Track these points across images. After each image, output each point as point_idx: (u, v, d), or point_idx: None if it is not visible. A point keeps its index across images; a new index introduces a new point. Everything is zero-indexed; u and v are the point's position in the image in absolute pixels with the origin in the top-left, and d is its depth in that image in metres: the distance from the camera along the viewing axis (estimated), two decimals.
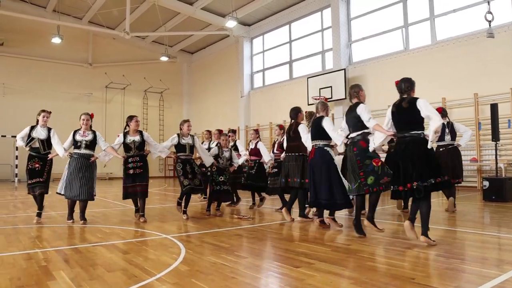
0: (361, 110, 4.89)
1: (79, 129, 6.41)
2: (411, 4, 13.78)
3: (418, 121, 4.38)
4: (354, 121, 4.97)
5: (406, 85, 4.77)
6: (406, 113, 4.46)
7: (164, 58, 22.13)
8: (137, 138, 6.60)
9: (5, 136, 18.82)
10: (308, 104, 16.01)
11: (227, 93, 22.13)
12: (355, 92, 5.13)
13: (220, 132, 8.69)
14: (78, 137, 6.28)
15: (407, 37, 13.88)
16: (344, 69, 15.09)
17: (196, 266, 3.63)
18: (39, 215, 6.44)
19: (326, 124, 5.45)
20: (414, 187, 4.22)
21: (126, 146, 6.54)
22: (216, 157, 7.30)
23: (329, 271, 3.41)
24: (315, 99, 15.58)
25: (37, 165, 6.37)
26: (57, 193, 6.41)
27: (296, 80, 17.91)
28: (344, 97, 14.88)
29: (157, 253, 4.18)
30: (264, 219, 6.70)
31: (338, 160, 5.70)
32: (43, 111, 6.72)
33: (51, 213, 7.59)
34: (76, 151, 6.26)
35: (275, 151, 7.78)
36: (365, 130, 4.90)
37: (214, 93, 23.39)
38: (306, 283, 3.09)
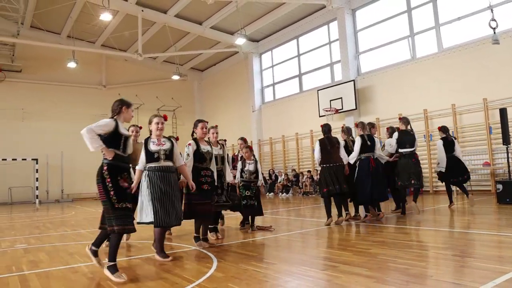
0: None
1: (149, 137, 5.01)
2: (416, 13, 14.13)
3: None
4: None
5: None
6: None
7: (175, 77, 22.70)
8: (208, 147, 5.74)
9: (25, 159, 19.40)
10: (320, 116, 16.37)
11: (239, 108, 22.55)
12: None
13: (244, 141, 7.72)
14: (153, 147, 4.81)
15: (414, 46, 14.20)
16: (353, 80, 15.43)
17: (230, 272, 3.93)
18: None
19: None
20: None
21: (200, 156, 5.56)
22: (240, 171, 6.88)
23: (353, 272, 3.70)
24: (326, 110, 15.92)
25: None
26: (140, 223, 4.67)
27: (306, 92, 18.28)
28: (354, 107, 15.19)
29: (191, 263, 4.50)
30: (282, 230, 6.98)
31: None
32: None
33: (81, 231, 7.95)
34: (154, 164, 4.74)
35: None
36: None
37: (225, 108, 23.83)
38: (333, 282, 3.38)
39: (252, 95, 21.14)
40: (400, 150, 7.75)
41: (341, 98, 15.66)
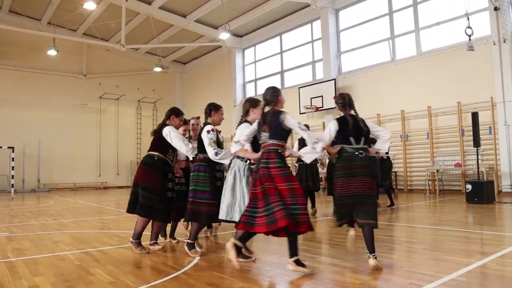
0: None
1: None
2: (397, 17, 14.51)
3: None
4: None
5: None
6: None
7: (157, 69, 22.63)
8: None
9: (1, 147, 19.14)
10: (300, 113, 16.64)
11: (220, 103, 21.81)
12: None
13: None
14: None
15: (394, 48, 14.59)
16: (334, 79, 15.74)
17: (214, 262, 4.13)
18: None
19: None
20: None
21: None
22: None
23: (329, 263, 3.95)
24: (307, 108, 16.22)
25: None
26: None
27: (287, 89, 18.49)
28: (334, 106, 15.48)
29: (176, 252, 4.68)
30: None
31: None
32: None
33: (62, 220, 8.00)
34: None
35: None
36: None
37: (206, 102, 23.16)
38: (312, 272, 3.62)
39: (233, 90, 21.28)
40: None
41: (321, 96, 15.95)
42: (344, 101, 4.14)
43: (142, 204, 4.57)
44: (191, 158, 4.90)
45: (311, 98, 16.32)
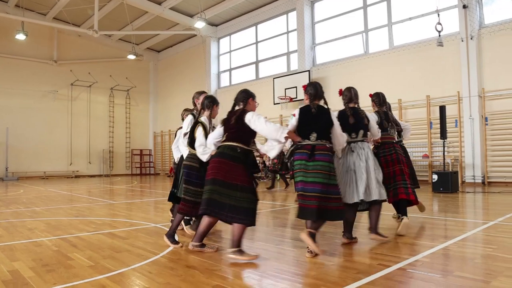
0: None
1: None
2: (371, 10, 14.79)
3: None
4: None
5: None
6: None
7: (131, 56, 22.31)
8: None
9: None
10: (274, 104, 16.82)
11: (194, 92, 22.08)
12: None
13: None
14: None
15: (367, 42, 14.89)
16: (309, 71, 15.95)
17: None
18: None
19: None
20: None
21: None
22: None
23: (304, 247, 4.12)
24: (281, 98, 16.40)
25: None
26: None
27: (262, 80, 18.64)
28: None
29: (154, 238, 4.76)
30: None
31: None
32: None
33: (35, 208, 7.93)
34: None
35: None
36: None
37: (180, 91, 23.75)
38: (287, 255, 3.80)
39: (208, 79, 21.24)
40: None
41: (295, 87, 16.15)
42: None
43: (237, 207, 3.75)
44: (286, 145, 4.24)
45: (285, 89, 16.50)
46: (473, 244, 4.19)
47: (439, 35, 10.96)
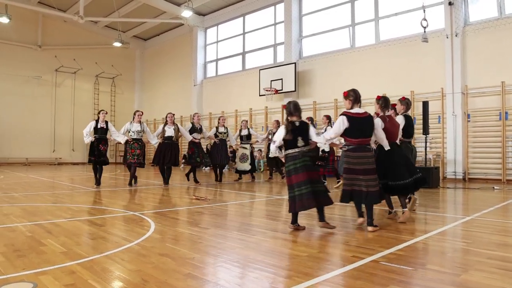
0: None
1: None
2: (358, 5, 14.80)
3: None
4: None
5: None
6: None
7: (117, 44, 21.99)
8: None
9: None
10: (260, 95, 16.79)
11: (180, 81, 22.41)
12: None
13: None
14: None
15: (354, 36, 14.91)
16: (295, 63, 15.93)
17: (167, 235, 4.23)
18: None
19: None
20: None
21: None
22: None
23: (280, 237, 4.14)
24: (266, 90, 16.36)
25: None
26: None
27: (248, 71, 18.56)
28: (293, 89, 15.74)
29: (130, 225, 4.73)
30: (217, 200, 7.34)
31: None
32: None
33: (13, 194, 7.81)
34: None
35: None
36: None
37: (166, 80, 23.57)
38: (262, 245, 3.79)
39: (194, 69, 21.09)
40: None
41: (281, 79, 16.13)
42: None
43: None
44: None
45: (271, 81, 16.46)
46: (449, 238, 4.25)
47: (424, 31, 11.04)
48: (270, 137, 11.23)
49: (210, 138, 11.05)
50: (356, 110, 4.65)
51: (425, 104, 10.33)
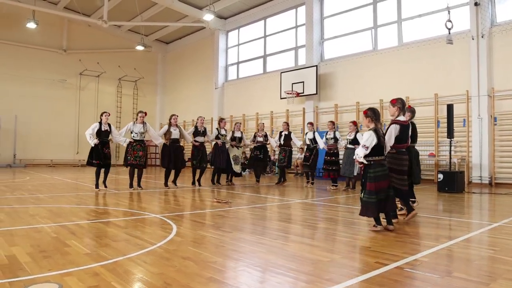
0: None
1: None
2: (380, 7, 14.64)
3: None
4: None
5: None
6: None
7: (139, 47, 22.30)
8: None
9: None
10: (281, 98, 16.76)
11: (201, 84, 22.57)
12: None
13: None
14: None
15: (376, 38, 14.75)
16: (316, 66, 15.85)
17: (189, 238, 4.24)
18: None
19: None
20: None
21: None
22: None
23: (301, 242, 4.10)
24: (287, 93, 16.33)
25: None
26: None
27: (269, 74, 18.56)
28: (315, 92, 15.66)
29: (152, 228, 4.76)
30: (238, 204, 7.34)
31: None
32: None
33: (39, 195, 7.98)
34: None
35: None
36: None
37: (188, 83, 23.76)
38: (283, 249, 3.76)
39: (215, 72, 21.21)
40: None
41: (303, 82, 16.06)
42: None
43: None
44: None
45: (292, 84, 16.42)
46: (475, 246, 4.13)
47: (449, 33, 10.83)
48: (277, 138, 11.69)
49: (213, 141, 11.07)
50: (402, 117, 4.99)
51: (450, 107, 10.13)
